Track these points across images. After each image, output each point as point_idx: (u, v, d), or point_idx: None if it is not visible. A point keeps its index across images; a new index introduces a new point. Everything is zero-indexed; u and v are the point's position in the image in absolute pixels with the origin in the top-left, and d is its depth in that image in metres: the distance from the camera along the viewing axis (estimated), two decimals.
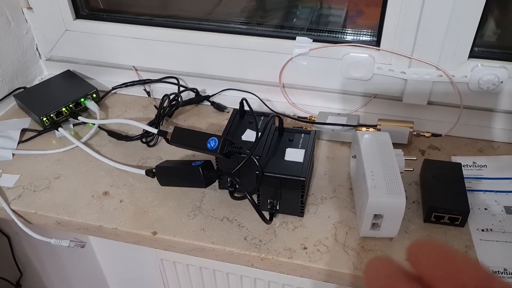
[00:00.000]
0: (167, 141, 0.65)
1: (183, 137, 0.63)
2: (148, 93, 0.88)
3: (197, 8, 0.84)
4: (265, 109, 0.82)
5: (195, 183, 0.63)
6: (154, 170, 0.67)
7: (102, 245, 1.05)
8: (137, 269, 1.06)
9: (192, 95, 0.86)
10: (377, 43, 0.72)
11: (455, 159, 0.72)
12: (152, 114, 0.82)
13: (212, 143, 0.60)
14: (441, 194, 0.62)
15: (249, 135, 0.65)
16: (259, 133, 0.62)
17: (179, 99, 0.80)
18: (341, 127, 0.75)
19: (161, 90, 0.87)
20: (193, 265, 0.92)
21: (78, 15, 0.85)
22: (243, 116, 0.69)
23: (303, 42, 0.75)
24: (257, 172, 0.59)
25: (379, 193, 0.55)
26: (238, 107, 0.69)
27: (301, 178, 0.59)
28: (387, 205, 0.55)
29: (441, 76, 0.70)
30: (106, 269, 1.12)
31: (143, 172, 0.69)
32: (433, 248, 0.20)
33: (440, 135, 0.75)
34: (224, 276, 0.91)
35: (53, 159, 0.75)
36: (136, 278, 1.09)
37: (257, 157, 0.60)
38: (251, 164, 0.59)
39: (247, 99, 0.69)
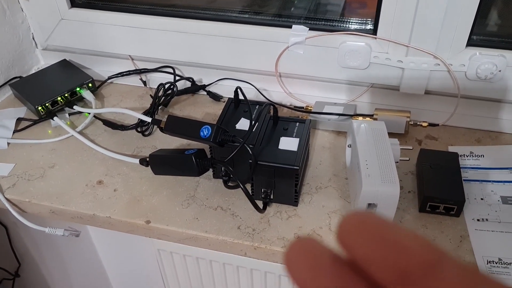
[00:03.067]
0: (161, 129, 0.65)
1: (176, 126, 0.63)
2: (144, 83, 0.88)
3: None
4: (261, 99, 0.82)
5: (188, 171, 0.63)
6: (147, 159, 0.67)
7: (100, 235, 1.05)
8: (135, 259, 1.06)
9: (188, 84, 0.85)
10: (374, 31, 0.71)
11: (452, 149, 0.71)
12: (148, 103, 0.82)
13: (205, 132, 0.59)
14: (437, 183, 0.61)
15: (244, 124, 0.65)
16: (253, 122, 0.61)
17: (175, 89, 0.79)
18: (337, 116, 0.74)
19: (157, 80, 0.87)
20: (190, 255, 0.91)
21: (74, 3, 0.85)
22: (238, 105, 0.69)
23: (299, 31, 0.74)
24: (250, 161, 0.58)
25: (373, 182, 0.55)
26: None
27: (294, 167, 0.58)
28: (381, 194, 0.55)
29: (439, 65, 0.70)
30: (105, 258, 1.12)
31: (137, 161, 0.69)
32: (368, 225, 0.15)
33: (437, 125, 0.74)
34: (220, 267, 0.91)
35: (48, 148, 0.75)
36: (134, 268, 1.09)
37: (250, 146, 0.59)
38: (244, 153, 0.59)
39: (244, 88, 0.69)
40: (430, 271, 0.14)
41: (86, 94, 0.82)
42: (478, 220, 0.60)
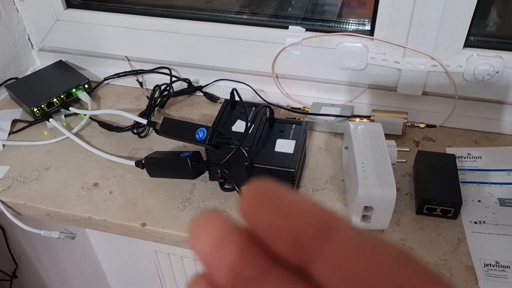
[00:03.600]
0: (156, 131, 0.64)
1: (172, 128, 0.63)
2: (141, 84, 0.87)
3: None
4: (258, 100, 0.81)
5: (183, 174, 0.63)
6: (143, 162, 0.66)
7: (98, 236, 1.05)
8: (133, 260, 1.06)
9: (184, 85, 0.85)
10: (371, 32, 0.71)
11: (450, 150, 0.70)
12: (145, 104, 0.81)
13: (201, 134, 0.59)
14: (434, 186, 0.61)
15: (240, 126, 0.64)
16: (249, 124, 0.61)
17: (171, 90, 0.79)
18: (334, 118, 0.74)
19: (154, 81, 0.86)
20: (187, 256, 0.91)
21: (69, 4, 0.84)
22: (234, 107, 0.68)
23: (296, 32, 0.73)
24: (246, 163, 0.58)
25: (369, 185, 0.54)
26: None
27: (290, 169, 0.58)
28: (377, 197, 0.54)
29: (436, 66, 0.69)
30: (102, 259, 1.12)
31: (133, 163, 0.68)
32: (265, 195, 0.16)
33: (435, 126, 0.74)
34: None
35: (44, 150, 0.74)
36: (132, 269, 1.09)
37: (246, 148, 0.59)
38: (240, 155, 0.58)
39: (240, 89, 0.68)
40: (321, 237, 0.14)
41: (82, 95, 0.82)
42: (475, 222, 0.60)
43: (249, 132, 0.61)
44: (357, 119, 0.73)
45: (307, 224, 0.15)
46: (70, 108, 0.81)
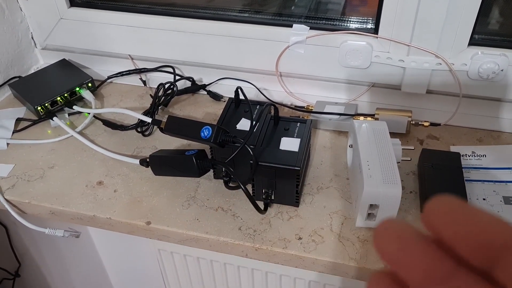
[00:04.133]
0: (161, 130, 0.64)
1: (176, 126, 0.63)
2: (144, 82, 0.87)
3: None
4: (262, 98, 0.81)
5: (188, 172, 0.63)
6: (148, 160, 0.66)
7: (101, 234, 1.05)
8: (135, 259, 1.06)
9: (188, 84, 0.85)
10: (375, 30, 0.71)
11: (454, 148, 0.70)
12: (148, 103, 0.81)
13: (206, 132, 0.59)
14: (439, 184, 0.61)
15: (244, 124, 0.64)
16: (254, 122, 0.61)
17: (175, 88, 0.79)
18: (338, 116, 0.74)
19: (157, 79, 0.86)
20: (191, 255, 0.91)
21: (73, 3, 0.84)
22: (238, 105, 0.68)
23: (300, 30, 0.73)
24: (251, 162, 0.58)
25: (374, 182, 0.54)
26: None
27: (296, 168, 0.58)
28: (383, 195, 0.54)
29: (440, 64, 0.69)
30: (105, 258, 1.12)
31: (137, 161, 0.68)
32: (452, 206, 0.17)
33: (439, 125, 0.74)
34: (221, 267, 0.90)
35: (48, 148, 0.74)
36: (134, 268, 1.09)
37: (251, 146, 0.59)
38: (245, 154, 0.58)
39: (244, 88, 0.68)
40: (508, 245, 0.16)
41: (86, 94, 0.82)
42: None
43: (254, 130, 0.61)
44: (361, 118, 0.73)
45: (498, 235, 0.16)
46: (74, 107, 0.81)
